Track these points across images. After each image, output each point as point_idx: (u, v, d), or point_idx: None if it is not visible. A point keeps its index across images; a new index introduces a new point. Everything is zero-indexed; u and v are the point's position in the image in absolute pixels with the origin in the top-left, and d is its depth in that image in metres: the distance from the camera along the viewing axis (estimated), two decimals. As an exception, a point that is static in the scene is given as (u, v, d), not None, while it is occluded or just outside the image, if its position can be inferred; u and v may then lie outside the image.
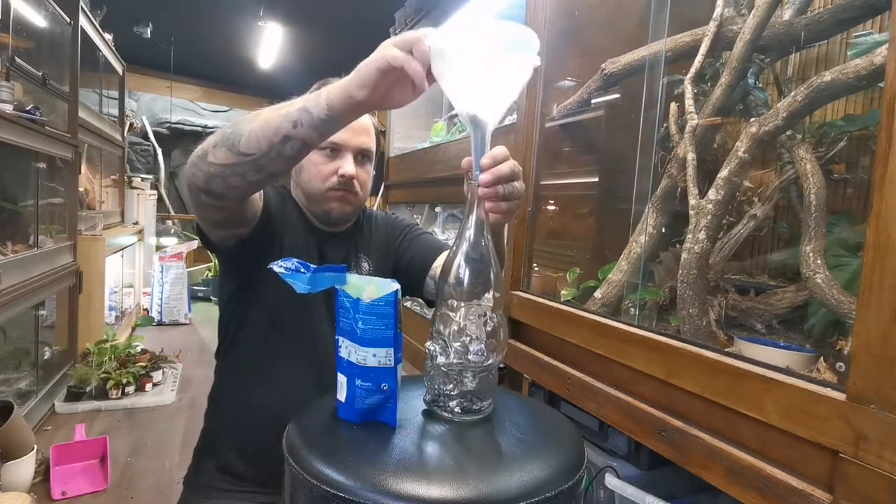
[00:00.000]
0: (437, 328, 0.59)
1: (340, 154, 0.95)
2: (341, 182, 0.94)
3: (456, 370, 0.58)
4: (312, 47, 4.59)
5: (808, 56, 1.15)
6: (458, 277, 0.58)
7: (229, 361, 0.99)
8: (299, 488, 0.51)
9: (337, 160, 0.95)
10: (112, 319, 3.49)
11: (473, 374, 0.58)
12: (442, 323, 0.58)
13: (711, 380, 0.76)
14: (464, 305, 0.58)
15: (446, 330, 0.58)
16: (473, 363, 0.57)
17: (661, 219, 1.16)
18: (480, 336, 0.58)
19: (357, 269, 1.03)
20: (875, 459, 0.56)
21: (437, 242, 1.07)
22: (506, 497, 0.47)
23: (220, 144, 0.71)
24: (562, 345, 1.11)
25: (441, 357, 0.58)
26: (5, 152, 1.96)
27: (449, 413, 0.60)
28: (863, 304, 0.58)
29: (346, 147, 0.95)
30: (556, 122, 1.38)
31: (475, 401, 0.60)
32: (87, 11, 2.86)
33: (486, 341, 0.58)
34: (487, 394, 0.61)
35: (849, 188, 1.02)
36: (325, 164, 0.95)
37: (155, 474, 1.94)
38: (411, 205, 3.60)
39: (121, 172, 4.09)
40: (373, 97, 0.63)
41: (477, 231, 0.59)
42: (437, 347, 0.58)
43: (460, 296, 0.58)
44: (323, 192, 0.96)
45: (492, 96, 0.57)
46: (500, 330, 0.59)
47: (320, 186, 0.95)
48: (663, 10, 1.18)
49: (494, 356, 0.58)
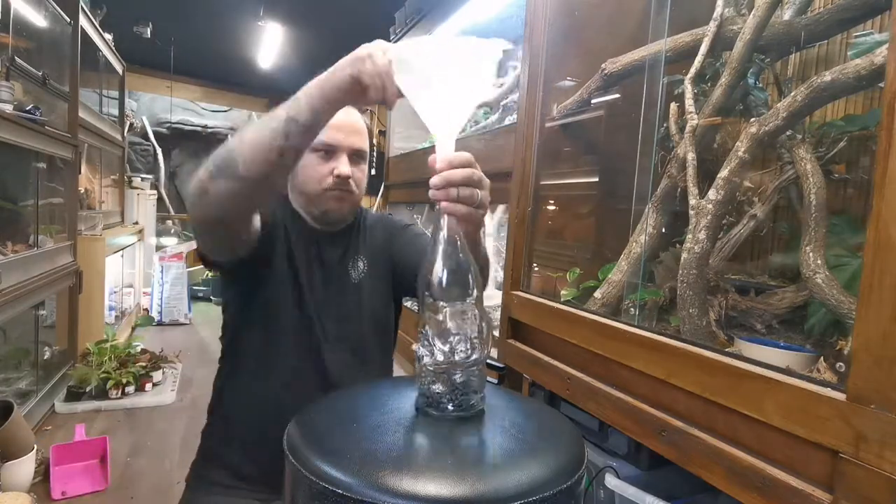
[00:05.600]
0: (423, 330, 0.60)
1: (335, 155, 0.96)
2: (338, 182, 0.95)
3: (444, 369, 0.59)
4: (312, 47, 4.60)
5: (808, 56, 1.15)
6: (438, 278, 0.59)
7: (232, 362, 1.00)
8: (299, 485, 0.51)
9: (332, 161, 0.96)
10: (112, 319, 3.49)
11: (461, 371, 0.60)
12: (427, 324, 0.60)
13: (711, 380, 0.76)
14: (446, 306, 0.59)
15: (431, 331, 0.59)
16: (460, 361, 0.59)
17: (661, 219, 1.16)
18: (465, 334, 0.59)
19: (353, 268, 1.03)
20: (875, 459, 0.56)
21: None
22: (504, 496, 0.47)
23: (216, 176, 0.71)
24: (562, 345, 1.11)
25: (428, 358, 0.59)
26: (5, 152, 1.96)
27: (442, 412, 0.60)
28: (863, 304, 0.58)
29: (340, 148, 0.96)
30: (556, 122, 1.38)
31: (466, 397, 0.61)
32: (87, 11, 2.86)
33: (470, 339, 0.59)
34: (478, 389, 0.62)
35: (849, 188, 1.02)
36: (320, 165, 0.96)
37: (155, 474, 1.94)
38: (411, 205, 3.60)
39: (121, 172, 4.09)
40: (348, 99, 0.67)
41: (450, 232, 0.60)
42: (424, 349, 0.60)
43: (441, 296, 0.59)
44: (320, 192, 0.96)
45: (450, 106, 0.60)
46: (483, 326, 0.60)
47: (317, 187, 0.96)
48: (663, 10, 1.18)
49: (479, 352, 0.60)
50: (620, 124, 1.35)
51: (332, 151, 0.96)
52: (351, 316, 1.01)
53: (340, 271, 1.02)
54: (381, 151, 4.66)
